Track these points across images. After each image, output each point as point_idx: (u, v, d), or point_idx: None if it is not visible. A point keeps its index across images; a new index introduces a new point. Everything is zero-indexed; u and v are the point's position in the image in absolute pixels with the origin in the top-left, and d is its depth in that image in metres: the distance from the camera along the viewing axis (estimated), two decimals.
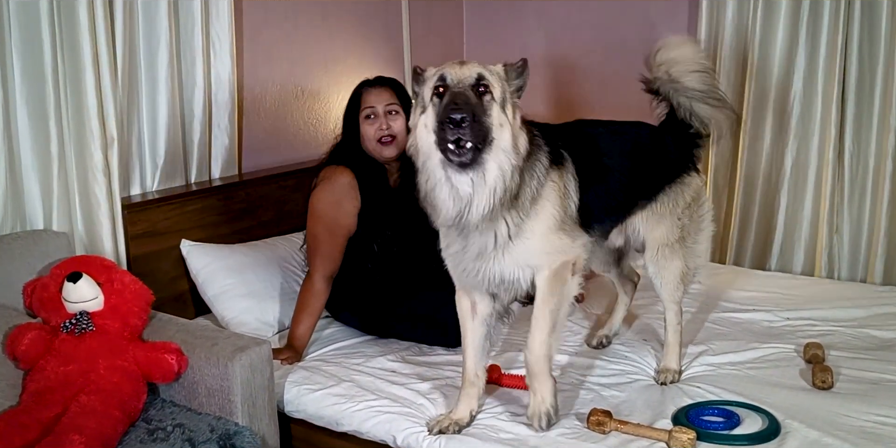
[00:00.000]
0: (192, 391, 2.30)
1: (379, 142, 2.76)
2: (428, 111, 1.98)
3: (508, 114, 1.97)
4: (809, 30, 3.39)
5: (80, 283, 2.27)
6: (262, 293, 2.91)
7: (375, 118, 2.76)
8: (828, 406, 2.20)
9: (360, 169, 2.76)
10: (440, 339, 2.73)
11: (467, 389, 2.23)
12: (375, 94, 2.78)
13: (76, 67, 2.59)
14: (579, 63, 4.18)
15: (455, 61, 2.01)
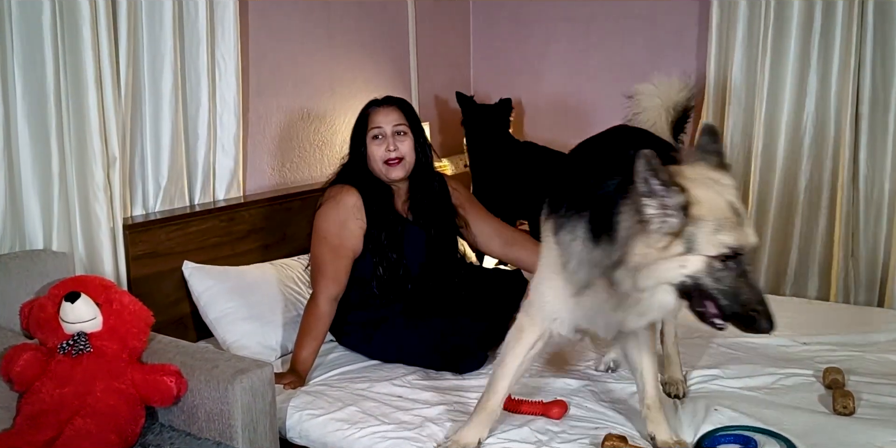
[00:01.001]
0: (191, 415, 2.23)
1: (386, 163, 2.72)
2: (697, 261, 1.70)
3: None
4: (821, 51, 3.36)
5: (77, 303, 2.21)
6: (264, 317, 2.84)
7: (383, 139, 2.72)
8: (849, 432, 2.12)
9: (367, 189, 2.72)
10: (448, 364, 2.65)
11: (482, 416, 2.14)
12: (383, 114, 2.75)
13: (78, 85, 2.56)
14: (586, 87, 4.16)
15: (736, 213, 1.71)
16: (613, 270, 1.75)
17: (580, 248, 1.87)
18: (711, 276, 1.69)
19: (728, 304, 1.69)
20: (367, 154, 2.74)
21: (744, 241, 1.68)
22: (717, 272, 1.68)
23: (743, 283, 1.69)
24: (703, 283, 1.69)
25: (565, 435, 2.17)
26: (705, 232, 1.67)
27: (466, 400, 2.42)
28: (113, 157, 2.66)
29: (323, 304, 2.66)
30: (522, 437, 2.18)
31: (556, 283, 1.98)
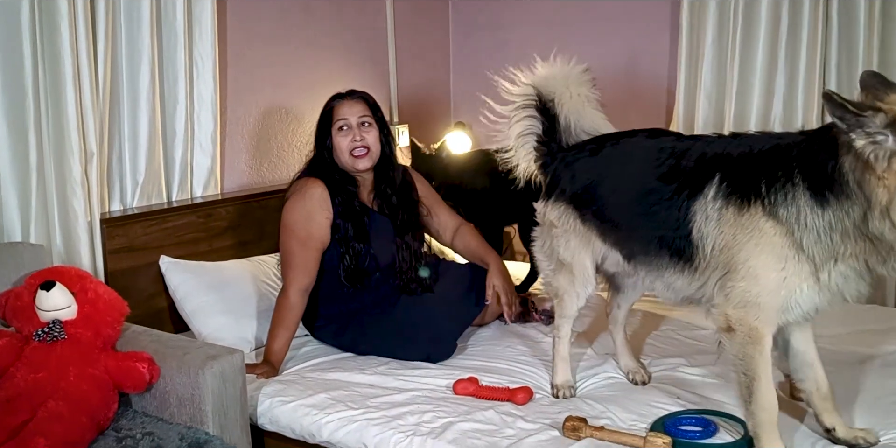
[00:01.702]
0: (163, 401, 2.28)
1: (352, 154, 2.78)
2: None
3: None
4: (788, 52, 3.43)
5: (53, 291, 2.26)
6: (239, 310, 2.89)
7: (349, 130, 2.78)
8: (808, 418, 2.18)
9: (332, 181, 2.77)
10: (420, 354, 2.71)
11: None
12: (348, 106, 2.81)
13: (57, 82, 2.63)
14: None
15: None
16: (866, 223, 1.71)
17: (811, 218, 1.80)
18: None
19: None
20: (334, 146, 2.80)
21: None
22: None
23: None
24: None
25: (529, 417, 2.24)
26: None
27: (436, 387, 2.48)
28: (91, 153, 2.71)
29: (294, 296, 2.72)
30: (488, 418, 2.25)
31: (790, 269, 1.86)
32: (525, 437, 2.12)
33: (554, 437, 2.10)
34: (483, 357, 2.73)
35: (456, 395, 2.42)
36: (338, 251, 2.78)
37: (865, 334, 2.83)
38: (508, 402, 2.35)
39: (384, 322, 2.79)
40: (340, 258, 2.77)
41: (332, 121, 2.80)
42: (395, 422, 2.24)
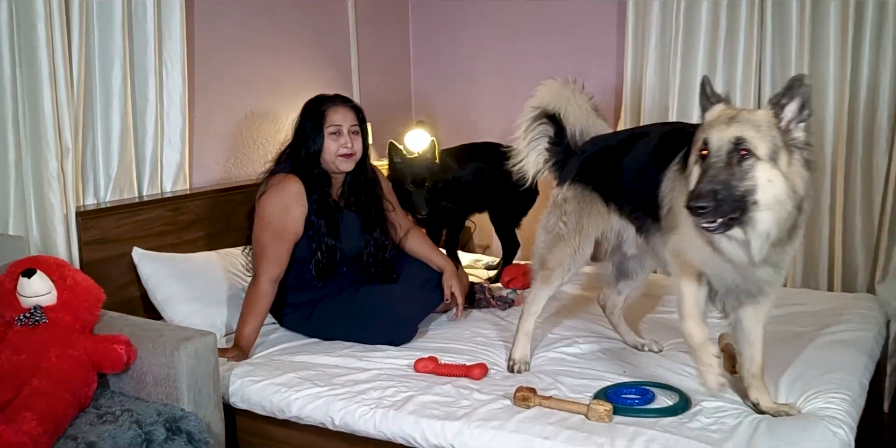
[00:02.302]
0: (140, 381, 2.41)
1: (338, 155, 2.92)
2: (694, 171, 2.00)
3: (782, 164, 1.92)
4: (727, 54, 3.64)
5: (34, 278, 2.39)
6: (209, 297, 3.03)
7: (340, 136, 2.92)
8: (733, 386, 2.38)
9: (309, 178, 2.92)
10: (382, 337, 2.87)
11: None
12: (342, 114, 2.95)
13: (34, 80, 2.74)
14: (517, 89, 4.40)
15: (725, 118, 1.98)
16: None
17: None
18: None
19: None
20: (324, 147, 2.92)
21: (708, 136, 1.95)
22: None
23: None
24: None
25: (484, 390, 2.41)
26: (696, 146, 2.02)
27: (398, 366, 2.65)
28: (66, 148, 2.83)
29: (265, 285, 2.86)
30: (446, 391, 2.42)
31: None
32: (479, 407, 2.29)
33: (506, 406, 2.28)
34: (443, 339, 2.91)
35: (416, 372, 2.59)
36: (308, 244, 2.92)
37: (798, 316, 3.04)
38: (465, 377, 2.52)
39: (348, 308, 2.95)
40: (312, 253, 2.91)
41: (323, 123, 2.92)
42: (360, 396, 2.40)
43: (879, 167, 3.42)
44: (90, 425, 2.20)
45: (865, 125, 3.41)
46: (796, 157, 1.94)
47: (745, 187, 1.90)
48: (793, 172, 1.93)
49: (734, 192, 1.89)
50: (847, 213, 3.48)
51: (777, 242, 2.00)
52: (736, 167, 1.90)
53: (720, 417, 2.19)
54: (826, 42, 3.43)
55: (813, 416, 2.15)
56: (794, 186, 1.93)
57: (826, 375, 2.41)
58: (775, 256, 2.06)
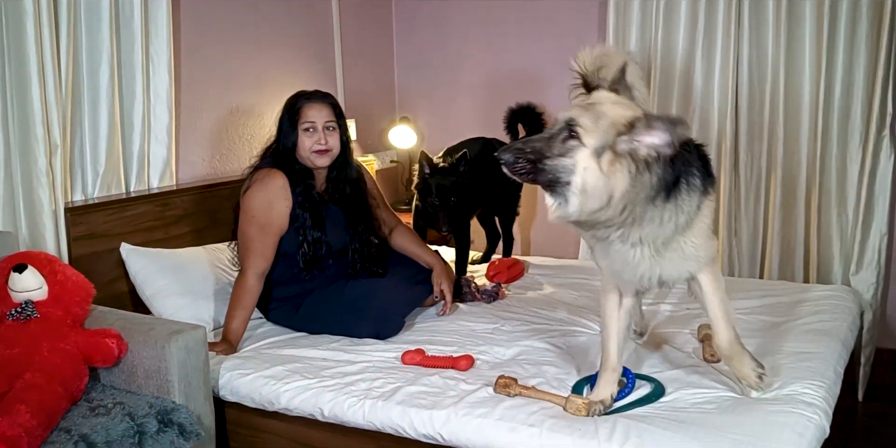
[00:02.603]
0: (131, 374, 2.45)
1: (314, 151, 2.95)
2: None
3: (604, 162, 1.94)
4: (705, 51, 3.71)
5: (25, 273, 2.42)
6: (197, 292, 3.07)
7: (314, 132, 2.96)
8: (713, 375, 2.45)
9: (291, 173, 2.96)
10: (369, 331, 2.91)
11: (609, 376, 2.31)
12: (317, 110, 2.98)
13: (22, 78, 2.77)
14: (501, 85, 4.46)
15: (584, 102, 2.06)
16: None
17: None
18: None
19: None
20: (298, 143, 2.96)
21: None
22: None
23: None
24: None
25: (470, 380, 2.46)
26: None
27: (385, 358, 2.69)
28: (55, 145, 2.86)
29: (251, 279, 2.90)
30: (433, 382, 2.47)
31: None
32: (466, 396, 2.34)
33: (491, 395, 2.34)
34: (429, 332, 2.95)
35: (404, 364, 2.63)
36: (294, 238, 2.96)
37: (775, 306, 3.11)
38: (452, 368, 2.57)
39: (334, 301, 2.99)
40: (298, 246, 2.95)
41: (298, 120, 2.96)
42: (348, 388, 2.45)
43: (853, 161, 3.50)
44: (83, 418, 2.24)
45: (840, 120, 3.48)
46: (622, 165, 1.94)
47: (560, 163, 1.96)
48: (613, 174, 1.94)
49: (544, 161, 1.96)
50: (822, 206, 3.56)
51: (586, 225, 2.06)
52: (558, 143, 1.97)
53: (696, 403, 2.25)
54: (802, 40, 3.51)
55: (790, 402, 2.21)
56: (610, 187, 1.95)
57: (802, 363, 2.48)
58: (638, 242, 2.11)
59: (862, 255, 3.52)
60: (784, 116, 3.58)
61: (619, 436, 2.07)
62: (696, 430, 2.07)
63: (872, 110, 3.41)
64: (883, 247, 3.49)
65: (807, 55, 3.50)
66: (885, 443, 3.24)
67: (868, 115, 3.44)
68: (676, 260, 2.17)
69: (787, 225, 3.65)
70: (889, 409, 3.52)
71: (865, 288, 3.50)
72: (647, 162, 1.94)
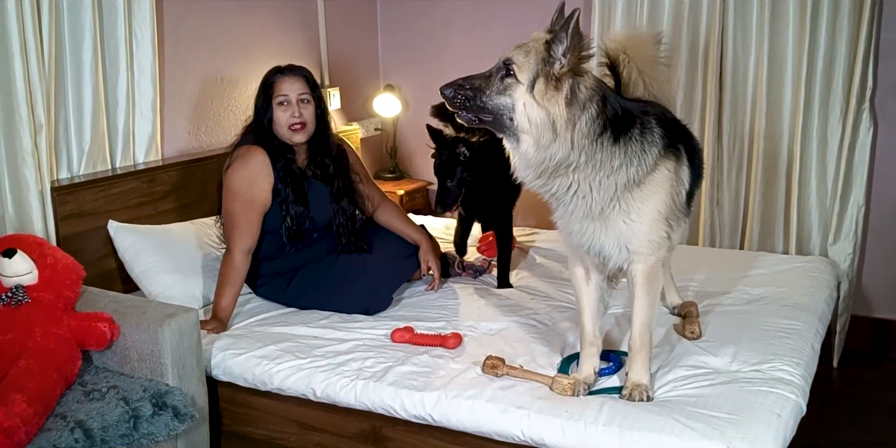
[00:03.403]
0: (124, 357, 2.48)
1: (290, 128, 2.96)
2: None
3: (537, 93, 2.02)
4: (690, 22, 3.71)
5: (15, 258, 2.43)
6: (186, 269, 3.09)
7: (288, 105, 2.95)
8: (695, 352, 2.52)
9: (272, 149, 2.96)
10: (357, 306, 2.96)
11: (588, 349, 2.37)
12: (289, 83, 2.97)
13: (5, 57, 2.74)
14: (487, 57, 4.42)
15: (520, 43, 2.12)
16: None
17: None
18: None
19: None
20: (273, 119, 2.96)
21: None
22: None
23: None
24: None
25: (458, 359, 2.52)
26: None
27: (375, 336, 2.74)
28: (39, 125, 2.84)
29: (238, 256, 2.92)
30: (423, 361, 2.52)
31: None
32: (456, 376, 2.40)
33: (480, 375, 2.40)
34: (417, 308, 3.01)
35: (394, 342, 2.68)
36: (279, 213, 2.98)
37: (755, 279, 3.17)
38: (441, 347, 2.63)
39: (323, 278, 3.03)
40: (282, 220, 2.97)
41: (272, 94, 2.96)
42: (340, 368, 2.50)
43: (834, 134, 3.54)
44: (77, 403, 2.28)
45: (822, 93, 3.51)
46: (556, 91, 2.02)
47: (500, 102, 2.06)
48: (548, 101, 2.02)
49: (482, 98, 2.07)
50: (802, 177, 3.60)
51: (547, 171, 2.11)
52: (497, 81, 2.06)
53: (678, 386, 2.31)
54: (785, 13, 3.51)
55: (769, 381, 2.29)
56: (551, 115, 2.03)
57: (781, 340, 2.56)
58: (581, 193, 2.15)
59: (840, 227, 3.58)
60: (767, 89, 3.60)
61: (604, 417, 2.14)
62: (678, 412, 2.13)
63: (853, 84, 3.44)
64: (860, 218, 3.55)
65: (790, 29, 3.51)
66: (859, 408, 3.35)
67: (849, 89, 3.46)
68: (615, 233, 2.21)
69: (767, 195, 3.71)
70: (863, 375, 3.62)
71: (842, 258, 3.58)
72: (574, 90, 2.03)
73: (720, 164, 3.78)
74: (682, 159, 2.28)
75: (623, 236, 2.21)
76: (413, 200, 4.48)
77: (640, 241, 2.22)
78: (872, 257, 3.69)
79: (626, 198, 2.16)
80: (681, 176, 2.28)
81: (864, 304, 3.74)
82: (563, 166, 2.10)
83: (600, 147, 2.09)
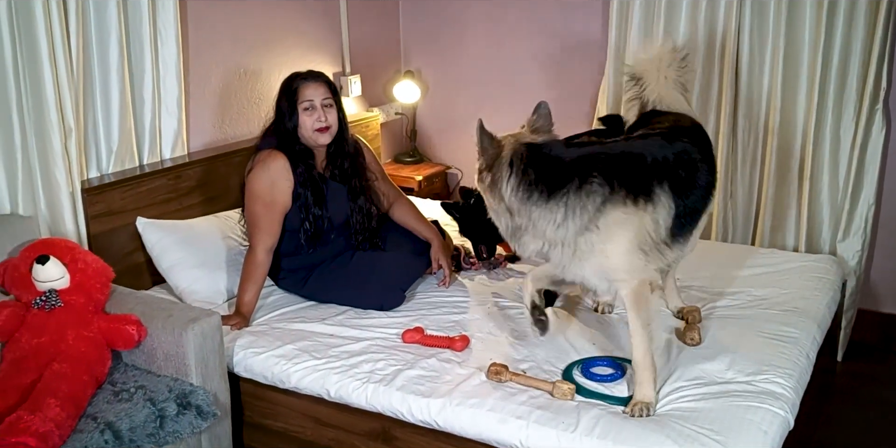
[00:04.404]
0: (151, 356, 2.63)
1: (316, 131, 3.06)
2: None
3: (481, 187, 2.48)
4: (707, 16, 3.72)
5: (48, 264, 2.57)
6: (211, 264, 3.23)
7: (313, 110, 3.05)
8: (692, 360, 2.61)
9: (292, 153, 3.07)
10: (372, 302, 3.09)
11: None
12: (313, 88, 3.07)
13: (35, 65, 2.85)
14: (505, 40, 4.47)
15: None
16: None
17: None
18: None
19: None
20: (299, 123, 3.07)
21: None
22: None
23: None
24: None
25: (464, 364, 2.65)
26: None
27: (387, 335, 2.87)
28: (69, 128, 2.97)
29: (260, 254, 3.05)
30: (430, 365, 2.65)
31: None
32: (461, 382, 2.52)
33: (483, 382, 2.52)
34: (429, 306, 3.12)
35: (404, 343, 2.81)
36: (298, 214, 3.10)
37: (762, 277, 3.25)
38: (448, 349, 2.75)
39: (341, 275, 3.16)
40: (301, 223, 3.10)
41: (296, 100, 3.05)
42: (353, 370, 2.64)
43: (847, 133, 3.56)
44: (107, 403, 2.43)
45: (836, 92, 3.53)
46: (483, 180, 2.43)
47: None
48: (482, 187, 2.46)
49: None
50: (814, 174, 3.65)
51: (514, 236, 2.46)
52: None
53: (674, 399, 2.41)
54: (802, 13, 3.52)
55: (760, 395, 2.39)
56: (486, 196, 2.47)
57: (777, 350, 2.65)
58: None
59: (850, 224, 3.63)
60: (782, 85, 3.63)
61: (599, 430, 2.26)
62: (670, 428, 2.24)
63: (867, 84, 3.46)
64: (870, 216, 3.59)
65: (806, 28, 3.52)
66: (861, 403, 3.43)
67: (862, 89, 3.48)
68: (593, 268, 2.42)
69: (780, 191, 3.75)
70: (867, 370, 3.71)
71: (851, 255, 3.63)
72: (494, 176, 2.38)
73: (734, 157, 3.82)
74: (650, 198, 2.39)
75: (601, 269, 2.41)
76: (431, 185, 4.58)
77: (616, 271, 2.41)
78: (881, 254, 3.75)
79: (590, 240, 2.36)
80: (650, 212, 2.39)
81: (871, 298, 3.81)
82: (519, 229, 2.41)
83: (535, 207, 2.34)
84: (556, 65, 4.32)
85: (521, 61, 4.42)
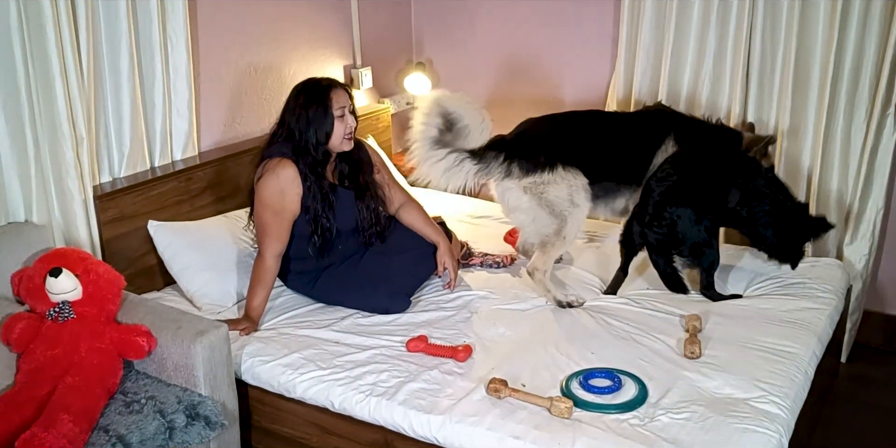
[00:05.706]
0: (161, 365, 2.70)
1: (345, 138, 3.10)
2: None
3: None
4: (720, 13, 3.69)
5: (60, 277, 2.62)
6: (221, 267, 3.29)
7: (345, 117, 3.08)
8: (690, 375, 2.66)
9: (304, 163, 3.08)
10: (378, 307, 3.15)
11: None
12: (341, 95, 3.09)
13: (46, 76, 2.87)
14: (518, 31, 4.45)
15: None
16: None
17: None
18: None
19: None
20: (334, 130, 3.06)
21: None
22: None
23: None
24: None
25: (466, 376, 2.70)
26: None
27: (392, 344, 2.93)
28: (81, 138, 3.01)
29: (269, 260, 3.11)
30: (433, 377, 2.70)
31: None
32: (462, 397, 2.58)
33: (483, 397, 2.58)
34: (435, 309, 3.19)
35: (409, 352, 2.87)
36: (306, 224, 3.14)
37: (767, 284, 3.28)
38: (451, 359, 2.81)
39: (349, 278, 3.21)
40: (310, 234, 3.14)
41: (329, 106, 3.04)
42: (356, 382, 2.69)
43: (857, 136, 3.54)
44: (119, 415, 2.50)
45: (847, 95, 3.50)
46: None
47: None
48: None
49: None
50: (823, 177, 3.64)
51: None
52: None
53: (672, 415, 2.45)
54: (815, 14, 3.48)
55: (756, 416, 2.42)
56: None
57: (776, 366, 2.68)
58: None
59: (857, 228, 3.62)
60: (793, 87, 3.60)
61: None
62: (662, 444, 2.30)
63: (879, 88, 3.43)
64: (878, 220, 3.59)
65: (819, 30, 3.48)
66: (861, 406, 3.47)
67: (874, 93, 3.45)
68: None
69: None
70: (870, 371, 3.73)
71: (857, 258, 3.63)
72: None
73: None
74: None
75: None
76: None
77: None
78: (888, 257, 3.75)
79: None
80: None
81: (877, 300, 3.82)
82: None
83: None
84: (566, 57, 4.30)
85: (532, 53, 4.40)
